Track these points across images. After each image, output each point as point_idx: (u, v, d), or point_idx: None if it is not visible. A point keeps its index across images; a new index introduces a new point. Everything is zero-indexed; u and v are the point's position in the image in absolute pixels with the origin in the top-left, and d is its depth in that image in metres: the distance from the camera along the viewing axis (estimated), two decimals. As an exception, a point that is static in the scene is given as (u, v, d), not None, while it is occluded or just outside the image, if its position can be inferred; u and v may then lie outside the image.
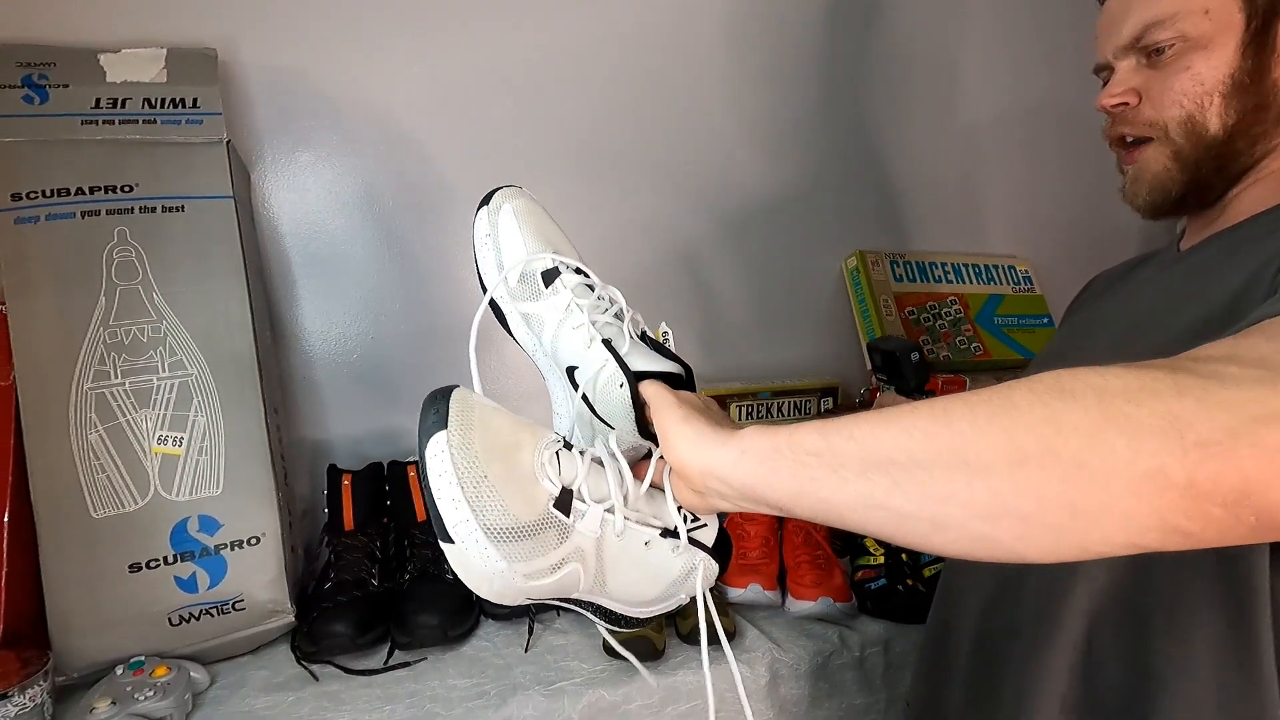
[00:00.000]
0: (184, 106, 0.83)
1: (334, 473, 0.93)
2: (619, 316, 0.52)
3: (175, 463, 0.77)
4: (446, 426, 0.39)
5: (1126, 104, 0.60)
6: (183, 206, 0.81)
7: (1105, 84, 0.62)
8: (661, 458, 0.44)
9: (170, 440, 0.77)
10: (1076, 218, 1.51)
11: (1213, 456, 0.28)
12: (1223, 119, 0.55)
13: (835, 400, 1.25)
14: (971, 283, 1.37)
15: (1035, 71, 1.43)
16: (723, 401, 1.17)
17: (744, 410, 1.18)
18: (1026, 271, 1.43)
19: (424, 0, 1.03)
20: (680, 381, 0.50)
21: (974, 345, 1.31)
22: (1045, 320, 1.39)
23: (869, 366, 0.80)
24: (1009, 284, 1.41)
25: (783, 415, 1.21)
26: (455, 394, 0.42)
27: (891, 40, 1.31)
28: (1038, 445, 0.31)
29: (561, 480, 0.42)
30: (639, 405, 0.47)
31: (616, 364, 0.49)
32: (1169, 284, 0.60)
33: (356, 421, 1.07)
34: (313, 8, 0.99)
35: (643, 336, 0.53)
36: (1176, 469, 0.28)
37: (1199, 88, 0.55)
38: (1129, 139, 0.61)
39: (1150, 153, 0.59)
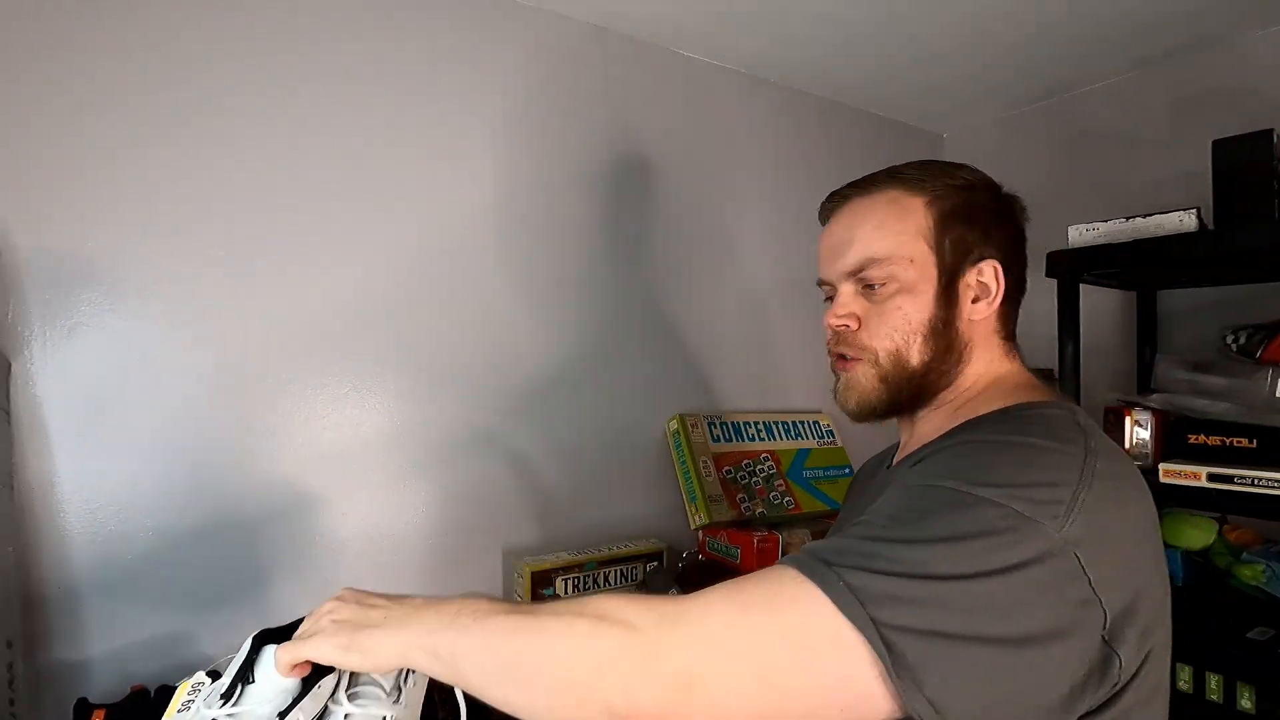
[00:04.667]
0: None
1: (82, 709, 0.80)
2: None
3: None
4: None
5: (848, 326, 0.67)
6: (-92, 417, 0.71)
7: (828, 298, 0.70)
8: None
9: None
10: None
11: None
12: (921, 355, 0.64)
13: (662, 563, 1.28)
14: (781, 439, 1.50)
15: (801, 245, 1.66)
16: (548, 576, 1.16)
17: (570, 583, 1.18)
18: (829, 425, 1.59)
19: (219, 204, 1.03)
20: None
21: (786, 499, 1.42)
22: (847, 470, 1.54)
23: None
24: (814, 438, 1.55)
25: (609, 584, 1.21)
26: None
27: (669, 220, 1.45)
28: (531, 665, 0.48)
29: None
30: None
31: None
32: (872, 495, 0.64)
33: (126, 633, 0.94)
34: (90, 188, 0.95)
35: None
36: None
37: (907, 326, 0.64)
38: (845, 354, 0.68)
39: (861, 370, 0.67)
